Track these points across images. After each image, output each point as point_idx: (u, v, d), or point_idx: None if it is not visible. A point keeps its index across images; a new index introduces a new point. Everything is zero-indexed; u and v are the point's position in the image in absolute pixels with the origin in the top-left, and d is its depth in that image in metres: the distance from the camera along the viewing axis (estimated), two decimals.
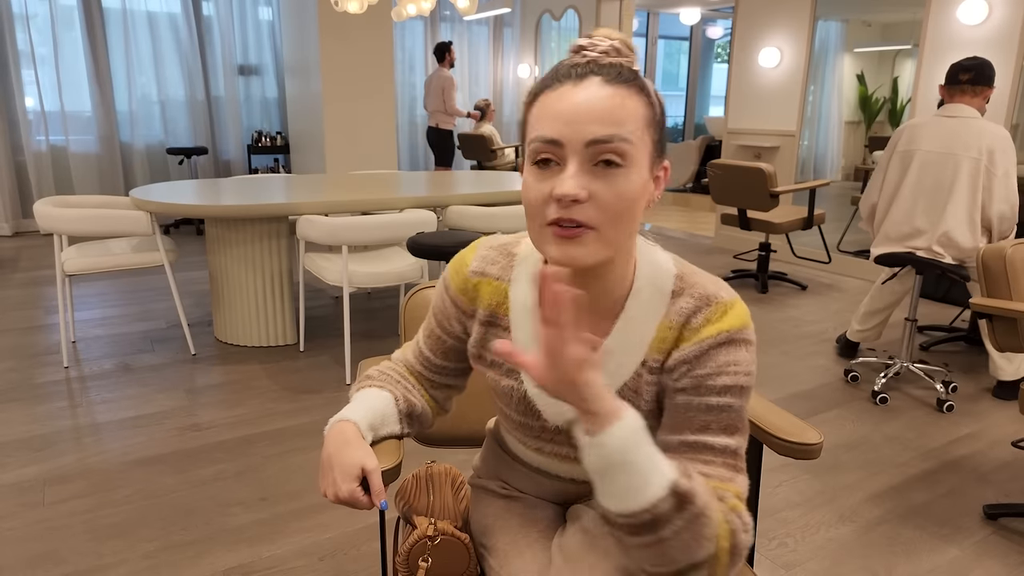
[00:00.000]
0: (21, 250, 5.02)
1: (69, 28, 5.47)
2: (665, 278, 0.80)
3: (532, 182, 0.72)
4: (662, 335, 0.79)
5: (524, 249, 0.87)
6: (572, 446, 0.87)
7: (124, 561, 1.66)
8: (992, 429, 2.44)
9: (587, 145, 0.69)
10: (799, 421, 0.96)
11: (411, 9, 3.98)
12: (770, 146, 5.05)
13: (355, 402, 0.92)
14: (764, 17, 4.97)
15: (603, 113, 0.69)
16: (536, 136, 0.71)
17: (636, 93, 0.71)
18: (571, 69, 0.72)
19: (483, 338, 0.89)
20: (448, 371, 0.97)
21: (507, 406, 0.90)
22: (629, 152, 0.70)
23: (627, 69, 0.73)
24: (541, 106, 0.72)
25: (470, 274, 0.88)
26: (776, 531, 1.84)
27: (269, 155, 6.37)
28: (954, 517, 1.91)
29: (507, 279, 0.87)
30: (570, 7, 6.89)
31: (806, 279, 4.52)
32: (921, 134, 2.65)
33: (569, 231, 0.70)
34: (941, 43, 3.97)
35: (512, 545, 0.90)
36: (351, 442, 0.85)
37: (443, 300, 0.92)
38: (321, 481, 0.84)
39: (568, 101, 0.70)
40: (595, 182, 0.69)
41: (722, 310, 0.76)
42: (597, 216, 0.70)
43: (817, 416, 2.54)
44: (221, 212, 2.76)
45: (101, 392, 2.62)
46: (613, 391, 0.80)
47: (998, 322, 1.92)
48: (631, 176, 0.70)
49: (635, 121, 0.70)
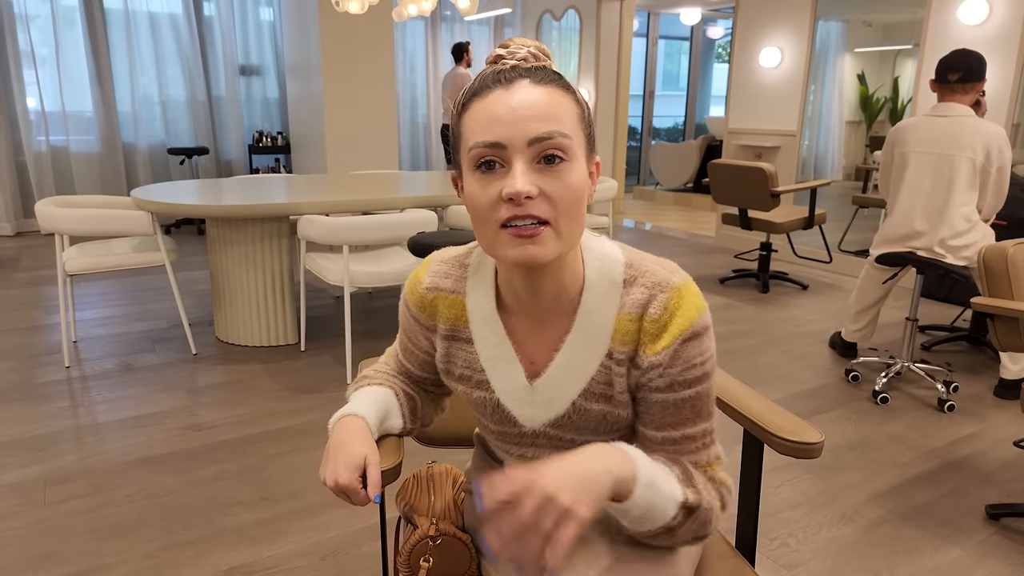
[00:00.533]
0: (22, 250, 5.03)
1: (71, 28, 5.48)
2: (615, 268, 0.81)
3: (478, 189, 0.72)
4: (623, 327, 0.80)
5: (475, 259, 0.88)
6: (553, 448, 0.88)
7: (125, 561, 1.66)
8: (994, 429, 2.44)
9: (530, 144, 0.70)
10: (800, 420, 0.96)
11: (412, 9, 3.98)
12: (771, 146, 5.04)
13: (359, 399, 0.92)
14: (765, 17, 4.97)
15: (540, 111, 0.70)
16: (476, 142, 0.71)
17: (564, 91, 0.73)
18: (498, 75, 0.73)
19: (448, 352, 0.90)
20: (429, 381, 0.99)
21: (483, 416, 0.90)
22: (569, 147, 0.71)
23: (551, 71, 0.74)
24: (474, 114, 0.73)
25: (424, 291, 0.89)
26: (778, 531, 1.83)
27: (270, 155, 6.38)
28: (956, 517, 1.91)
29: (462, 291, 0.87)
30: (571, 7, 6.88)
31: (807, 279, 4.52)
32: (915, 135, 2.65)
33: (528, 230, 0.70)
34: (942, 43, 3.97)
35: None
36: (359, 435, 0.86)
37: (407, 318, 0.93)
38: (323, 467, 0.84)
39: (503, 104, 0.71)
40: (542, 179, 0.70)
41: (677, 297, 0.78)
42: (550, 211, 0.71)
43: (819, 416, 2.53)
44: (222, 212, 2.76)
45: (102, 392, 2.62)
46: (582, 387, 0.82)
47: (999, 322, 1.92)
48: (574, 169, 0.72)
49: (570, 118, 0.72)
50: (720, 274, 4.58)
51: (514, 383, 0.85)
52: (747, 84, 5.17)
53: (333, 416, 0.90)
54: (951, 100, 2.60)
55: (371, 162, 5.47)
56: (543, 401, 0.84)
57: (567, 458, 0.68)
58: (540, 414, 0.85)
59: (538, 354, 0.84)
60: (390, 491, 1.83)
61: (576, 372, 0.82)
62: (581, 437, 0.85)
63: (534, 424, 0.86)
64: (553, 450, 0.88)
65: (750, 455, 1.02)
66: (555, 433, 0.86)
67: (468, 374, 0.88)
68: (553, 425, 0.85)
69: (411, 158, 7.34)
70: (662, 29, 9.38)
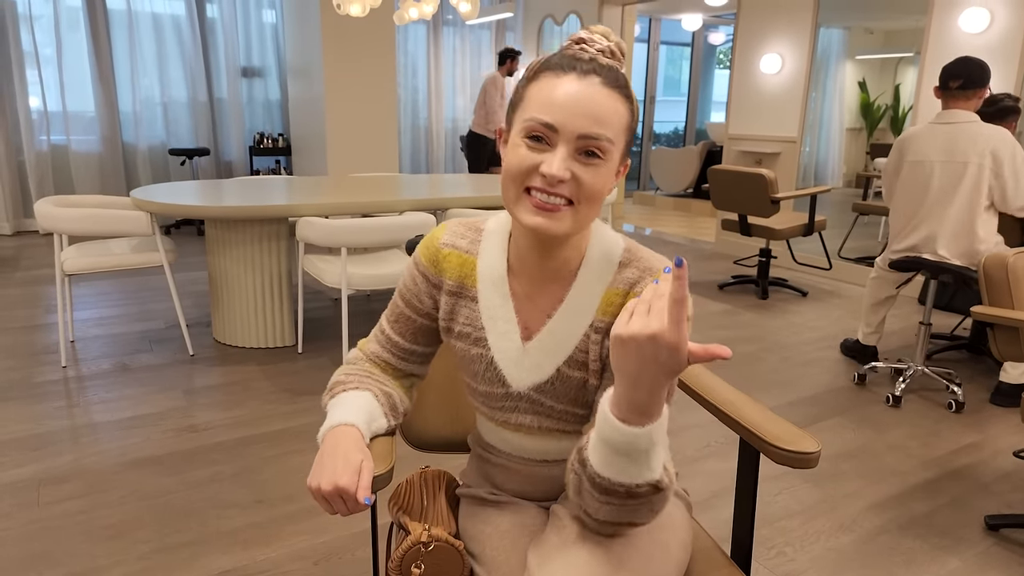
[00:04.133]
0: (21, 249, 5.02)
1: (74, 29, 5.48)
2: (614, 250, 0.90)
3: (522, 153, 0.79)
4: (609, 299, 0.88)
5: (491, 225, 0.96)
6: (535, 413, 0.94)
7: (119, 563, 1.65)
8: (994, 439, 2.42)
9: (578, 137, 0.77)
10: (796, 429, 0.95)
11: (413, 13, 3.98)
12: (771, 152, 5.04)
13: (342, 407, 0.91)
14: (766, 24, 4.97)
15: (598, 113, 0.78)
16: (534, 116, 0.78)
17: (624, 100, 0.81)
18: (576, 62, 0.79)
19: (452, 309, 0.96)
20: (415, 356, 1.01)
21: (474, 377, 0.96)
22: (609, 149, 0.79)
23: (621, 76, 0.81)
24: (542, 87, 0.79)
25: (441, 245, 0.95)
26: (775, 540, 1.82)
27: (271, 157, 6.38)
28: (955, 527, 1.90)
29: (475, 252, 0.94)
30: (572, 12, 6.89)
31: (807, 285, 4.51)
32: (921, 144, 2.67)
33: (550, 204, 0.79)
34: (943, 51, 3.97)
35: (499, 551, 0.91)
36: (353, 442, 0.87)
37: (413, 277, 0.97)
38: (316, 474, 0.83)
39: (570, 92, 0.77)
40: (576, 165, 0.79)
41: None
42: (575, 193, 0.79)
43: (818, 424, 2.52)
44: (221, 213, 2.75)
45: (99, 392, 2.61)
46: (567, 354, 0.90)
47: (999, 331, 1.91)
48: (606, 166, 0.80)
49: (619, 125, 0.80)
50: (719, 280, 4.57)
51: (509, 342, 0.91)
52: (748, 90, 5.17)
53: (322, 428, 0.90)
54: (954, 106, 2.62)
55: (371, 165, 5.47)
56: (531, 365, 0.91)
57: None
58: (527, 376, 0.91)
59: (533, 319, 0.92)
60: (382, 496, 1.82)
61: (563, 339, 0.89)
62: (559, 405, 0.92)
63: (520, 386, 0.92)
64: (534, 415, 0.94)
65: (746, 463, 1.01)
66: (537, 397, 0.93)
67: (468, 331, 0.94)
68: (536, 389, 0.92)
69: (411, 161, 7.34)
70: (663, 35, 9.39)
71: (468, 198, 3.16)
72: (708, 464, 2.20)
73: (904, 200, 2.73)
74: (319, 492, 0.81)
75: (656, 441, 0.72)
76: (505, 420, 0.96)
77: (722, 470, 2.16)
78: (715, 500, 2.00)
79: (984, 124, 2.56)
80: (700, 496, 2.02)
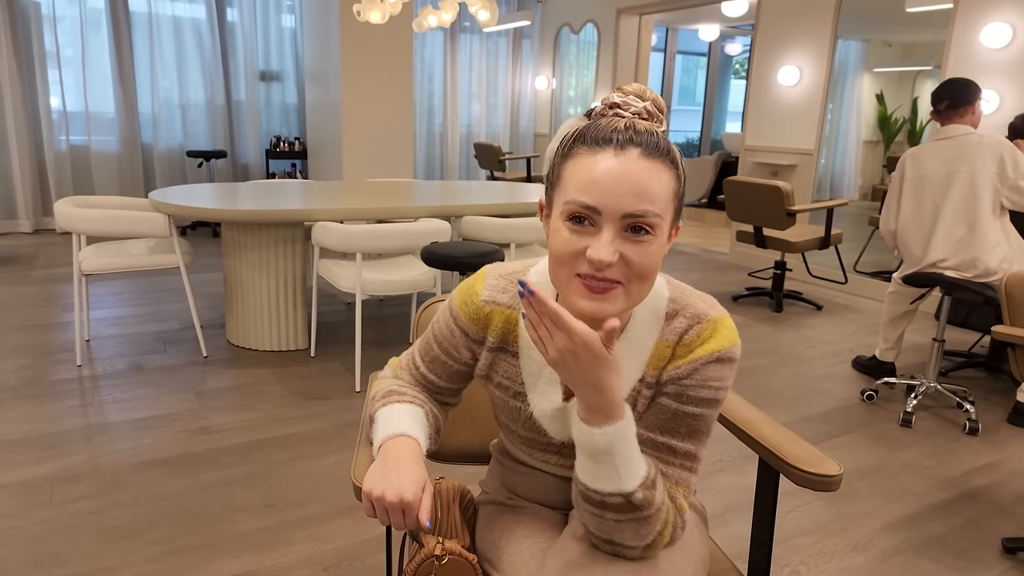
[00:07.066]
0: (40, 247, 5.08)
1: (96, 31, 5.56)
2: (660, 302, 0.86)
3: (565, 236, 0.76)
4: (659, 352, 0.85)
5: (532, 278, 0.91)
6: (574, 456, 0.89)
7: (129, 564, 1.65)
8: (1011, 460, 2.39)
9: (623, 216, 0.73)
10: (817, 451, 0.93)
11: (432, 20, 4.00)
12: (787, 164, 5.01)
13: (402, 416, 0.91)
14: (784, 35, 4.95)
15: (641, 188, 0.73)
16: (574, 199, 0.74)
17: (668, 166, 0.76)
18: (612, 135, 0.75)
19: (492, 363, 0.94)
20: (450, 392, 1.00)
21: (513, 423, 0.94)
22: (658, 224, 0.75)
23: (663, 139, 0.76)
24: (579, 166, 0.75)
25: (482, 303, 0.91)
26: (788, 558, 1.80)
27: (287, 160, 6.42)
28: (971, 549, 1.87)
29: (517, 307, 0.91)
30: (589, 21, 6.90)
31: (822, 299, 4.47)
32: (924, 160, 2.72)
33: (601, 286, 0.75)
34: (963, 66, 3.93)
35: (516, 556, 0.91)
36: (415, 458, 0.86)
37: (450, 329, 0.94)
38: (379, 480, 0.81)
39: (608, 170, 0.73)
40: (625, 245, 0.74)
41: (712, 327, 0.83)
42: (625, 274, 0.75)
43: (832, 440, 2.49)
44: (238, 216, 2.77)
45: (112, 392, 2.63)
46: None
47: (1021, 351, 1.88)
48: (656, 241, 0.75)
49: (666, 196, 0.75)
50: (733, 292, 4.55)
51: (550, 403, 0.89)
52: (765, 101, 5.15)
53: (380, 431, 0.89)
54: (948, 123, 2.69)
55: (387, 170, 5.49)
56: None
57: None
58: (568, 431, 0.89)
59: None
60: None
61: None
62: None
63: (562, 437, 0.90)
64: (572, 458, 0.91)
65: (765, 484, 1.00)
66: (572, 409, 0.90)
67: (507, 384, 0.93)
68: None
69: (426, 167, 7.37)
70: (680, 44, 9.38)
71: (483, 205, 3.16)
72: (722, 479, 2.18)
73: (913, 215, 2.75)
74: (381, 501, 0.80)
75: (616, 447, 0.73)
76: (546, 460, 0.96)
77: (736, 485, 2.14)
78: (729, 515, 1.98)
79: (982, 134, 2.61)
80: (714, 511, 2.00)
